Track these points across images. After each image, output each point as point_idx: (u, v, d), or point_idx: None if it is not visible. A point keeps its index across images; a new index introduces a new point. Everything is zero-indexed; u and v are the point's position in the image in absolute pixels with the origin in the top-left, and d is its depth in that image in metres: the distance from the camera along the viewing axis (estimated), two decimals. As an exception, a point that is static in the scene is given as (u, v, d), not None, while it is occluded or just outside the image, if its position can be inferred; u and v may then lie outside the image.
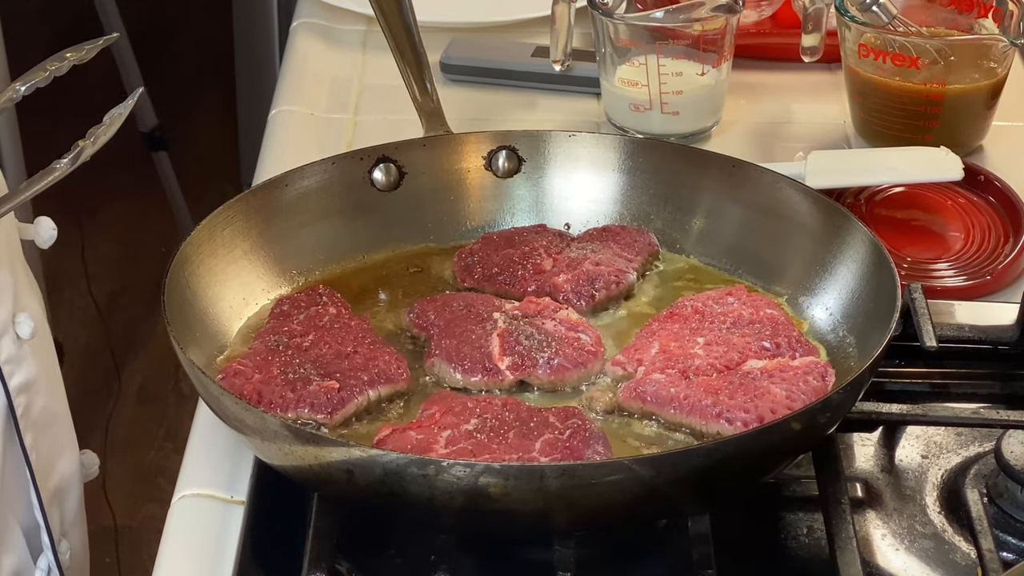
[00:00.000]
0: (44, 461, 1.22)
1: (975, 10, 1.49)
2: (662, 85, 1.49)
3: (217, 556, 1.05)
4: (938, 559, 1.05)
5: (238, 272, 1.21)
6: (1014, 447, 1.05)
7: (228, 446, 1.13)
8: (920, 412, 1.15)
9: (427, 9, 1.44)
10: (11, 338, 1.19)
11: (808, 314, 1.20)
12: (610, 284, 1.22)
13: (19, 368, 1.19)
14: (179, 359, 1.07)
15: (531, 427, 1.05)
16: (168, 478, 2.26)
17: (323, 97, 1.63)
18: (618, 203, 1.31)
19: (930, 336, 1.16)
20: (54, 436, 1.25)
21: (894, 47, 1.46)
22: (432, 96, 1.36)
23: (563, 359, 1.13)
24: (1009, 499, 1.06)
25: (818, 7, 1.51)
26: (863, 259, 1.18)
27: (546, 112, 1.59)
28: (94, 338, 2.90)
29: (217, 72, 3.11)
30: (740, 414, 1.07)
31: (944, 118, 1.47)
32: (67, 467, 1.28)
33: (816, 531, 1.07)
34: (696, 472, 0.98)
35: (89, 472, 1.33)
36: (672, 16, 1.49)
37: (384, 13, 1.35)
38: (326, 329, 1.15)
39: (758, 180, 1.27)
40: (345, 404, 1.09)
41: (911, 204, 1.43)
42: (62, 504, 1.27)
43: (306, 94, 1.62)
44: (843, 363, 1.14)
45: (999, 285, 1.33)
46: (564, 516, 0.99)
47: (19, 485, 1.20)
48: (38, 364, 1.22)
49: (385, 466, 0.96)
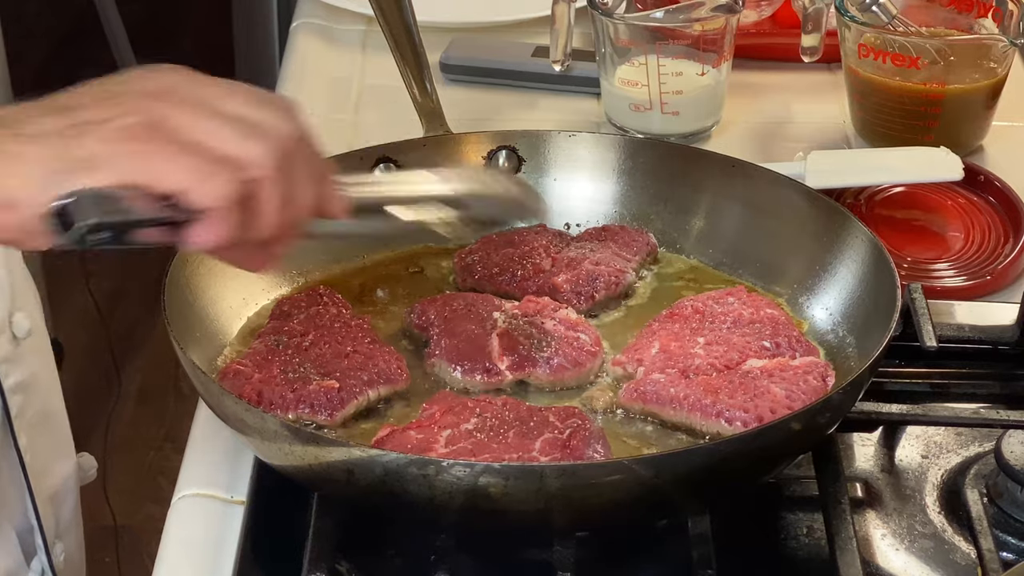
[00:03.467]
0: (40, 463, 1.22)
1: (975, 10, 1.49)
2: (662, 85, 1.49)
3: (217, 556, 1.05)
4: (938, 559, 1.05)
5: (238, 272, 1.20)
6: (1014, 447, 1.05)
7: (228, 446, 1.13)
8: (920, 412, 1.15)
9: (427, 9, 1.44)
10: (7, 338, 1.18)
11: (808, 314, 1.20)
12: (609, 284, 1.22)
13: (15, 368, 1.19)
14: (179, 359, 1.07)
15: (531, 427, 1.05)
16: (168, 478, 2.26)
17: (323, 97, 1.63)
18: (618, 203, 1.31)
19: (930, 336, 1.16)
20: (50, 438, 1.25)
21: (894, 47, 1.46)
22: (432, 96, 1.36)
23: (563, 359, 1.13)
24: (1009, 499, 1.06)
25: (818, 7, 1.51)
26: (863, 259, 1.18)
27: (546, 112, 1.59)
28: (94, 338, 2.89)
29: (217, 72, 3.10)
30: (740, 414, 1.07)
31: (944, 118, 1.47)
32: (64, 469, 1.27)
33: (816, 531, 1.07)
34: (696, 472, 0.98)
35: (87, 475, 1.33)
36: (672, 16, 1.49)
37: (384, 13, 1.35)
38: (326, 329, 1.15)
39: (758, 180, 1.27)
40: (345, 404, 1.09)
41: (911, 204, 1.43)
42: (58, 506, 1.26)
43: (306, 94, 1.62)
44: (843, 363, 1.14)
45: (999, 285, 1.33)
46: (564, 516, 0.99)
47: (13, 487, 1.20)
48: (35, 365, 1.22)
49: (385, 466, 0.96)
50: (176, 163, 0.87)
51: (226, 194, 0.88)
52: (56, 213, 0.86)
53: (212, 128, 0.89)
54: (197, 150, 0.88)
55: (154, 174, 0.87)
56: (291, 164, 0.91)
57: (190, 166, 0.87)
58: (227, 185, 0.88)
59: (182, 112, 0.89)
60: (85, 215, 0.86)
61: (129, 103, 0.89)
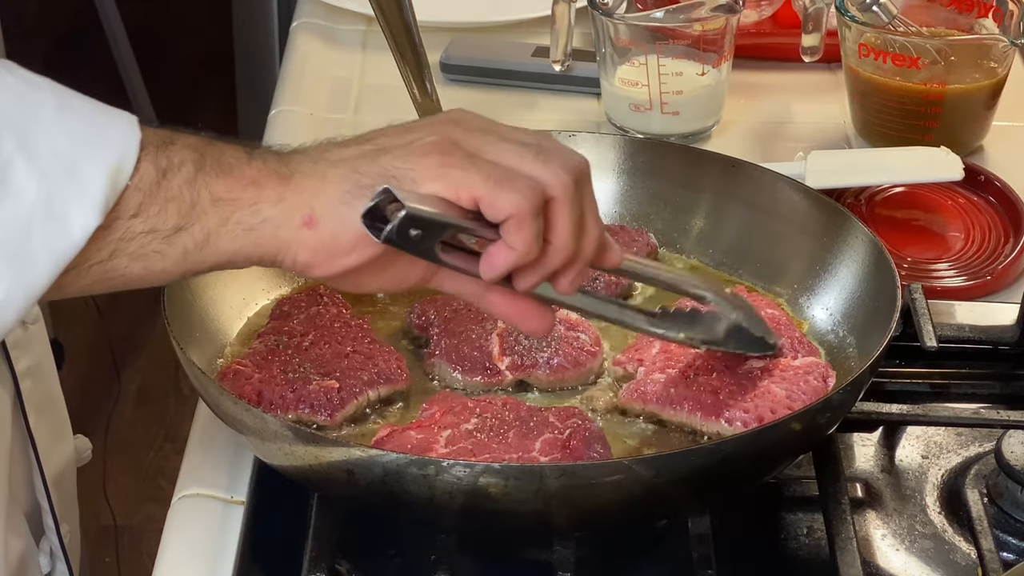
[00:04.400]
0: (44, 445, 1.23)
1: (975, 10, 1.49)
2: (662, 85, 1.49)
3: (217, 556, 1.05)
4: (938, 559, 1.05)
5: (238, 272, 1.20)
6: (1014, 447, 1.05)
7: (228, 446, 1.13)
8: (920, 412, 1.15)
9: (427, 9, 1.44)
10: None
11: (808, 314, 1.20)
12: (609, 284, 1.22)
13: (24, 353, 1.19)
14: (179, 359, 1.07)
15: (531, 427, 1.05)
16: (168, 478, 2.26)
17: (323, 97, 1.63)
18: (618, 203, 1.31)
19: (930, 336, 1.16)
20: (52, 420, 1.26)
21: (894, 47, 1.46)
22: (432, 96, 1.36)
23: (562, 359, 1.13)
24: (1009, 499, 1.06)
25: (818, 7, 1.51)
26: (863, 259, 1.18)
27: (546, 112, 1.59)
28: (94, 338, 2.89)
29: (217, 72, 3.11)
30: (740, 414, 1.07)
31: (944, 118, 1.47)
32: (64, 451, 1.28)
33: (816, 531, 1.07)
34: (696, 472, 0.98)
35: (82, 456, 1.34)
36: (672, 16, 1.49)
37: (384, 13, 1.35)
38: (326, 329, 1.15)
39: (758, 180, 1.27)
40: (345, 404, 1.09)
41: (911, 204, 1.43)
42: (60, 488, 1.27)
43: (306, 94, 1.62)
44: (843, 363, 1.14)
45: (999, 285, 1.33)
46: (564, 516, 0.99)
47: (23, 468, 1.20)
48: (40, 350, 1.23)
49: (385, 466, 0.95)
50: (475, 174, 0.90)
51: (523, 203, 0.89)
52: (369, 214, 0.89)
53: (506, 150, 0.92)
54: (494, 165, 0.90)
55: (453, 184, 0.90)
56: (581, 193, 0.93)
57: (489, 175, 0.90)
58: (525, 193, 0.90)
59: (475, 136, 0.92)
60: (397, 209, 0.89)
61: (424, 129, 0.93)
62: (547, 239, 0.92)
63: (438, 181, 0.90)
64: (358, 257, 0.91)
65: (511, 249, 0.91)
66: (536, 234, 0.91)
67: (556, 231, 0.92)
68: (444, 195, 0.90)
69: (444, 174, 0.90)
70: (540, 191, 0.90)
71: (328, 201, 0.90)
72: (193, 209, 0.89)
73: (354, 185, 0.90)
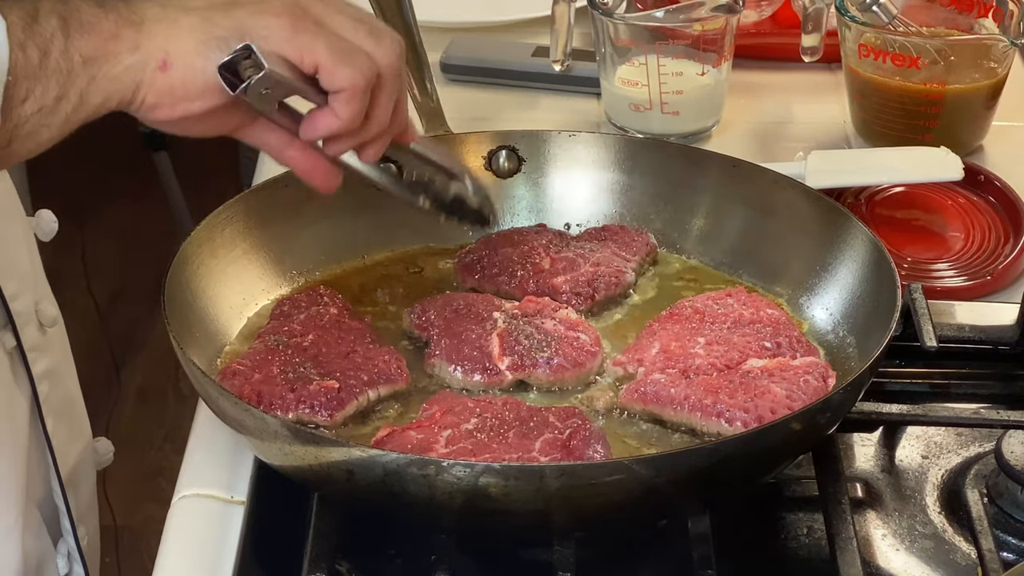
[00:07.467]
0: (62, 447, 1.23)
1: (975, 10, 1.49)
2: (662, 85, 1.49)
3: (217, 556, 1.05)
4: (938, 559, 1.05)
5: (238, 272, 1.21)
6: (1014, 447, 1.05)
7: (228, 446, 1.13)
8: (920, 412, 1.15)
9: (427, 9, 1.44)
10: (35, 326, 1.20)
11: (808, 314, 1.20)
12: (609, 284, 1.22)
13: (42, 356, 1.20)
14: (179, 359, 1.07)
15: (531, 427, 1.05)
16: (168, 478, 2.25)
17: (323, 97, 1.62)
18: (618, 203, 1.31)
19: (930, 336, 1.16)
20: (71, 423, 1.26)
21: (894, 47, 1.46)
22: (432, 96, 1.36)
23: (563, 359, 1.13)
24: (1009, 499, 1.06)
25: (818, 7, 1.51)
26: (863, 259, 1.18)
27: (546, 112, 1.59)
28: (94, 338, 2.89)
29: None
30: (740, 414, 1.07)
31: (944, 118, 1.47)
32: (82, 453, 1.29)
33: (816, 531, 1.07)
34: (696, 472, 0.98)
35: (103, 459, 1.34)
36: (672, 16, 1.49)
37: (384, 13, 1.35)
38: (326, 329, 1.15)
39: (758, 180, 1.27)
40: (345, 404, 1.09)
41: (911, 204, 1.43)
42: (77, 490, 1.27)
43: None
44: (843, 363, 1.14)
45: (999, 285, 1.33)
46: (564, 516, 0.99)
47: (40, 470, 1.21)
48: (58, 352, 1.23)
49: (385, 466, 0.95)
50: (320, 42, 0.95)
51: (359, 80, 0.95)
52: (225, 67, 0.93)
53: (346, 24, 0.96)
54: (337, 37, 0.95)
55: (300, 49, 0.94)
56: (401, 73, 0.99)
57: (332, 47, 0.95)
58: (362, 70, 0.95)
59: (318, 4, 0.96)
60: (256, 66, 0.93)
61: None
62: (367, 113, 0.98)
63: (288, 44, 0.94)
64: (202, 104, 0.95)
65: (336, 118, 0.97)
66: (363, 109, 0.97)
67: (377, 107, 0.98)
68: (290, 57, 0.95)
69: (293, 38, 0.94)
70: (375, 69, 0.96)
71: (183, 47, 0.93)
72: (70, 76, 0.91)
73: (208, 35, 0.93)
